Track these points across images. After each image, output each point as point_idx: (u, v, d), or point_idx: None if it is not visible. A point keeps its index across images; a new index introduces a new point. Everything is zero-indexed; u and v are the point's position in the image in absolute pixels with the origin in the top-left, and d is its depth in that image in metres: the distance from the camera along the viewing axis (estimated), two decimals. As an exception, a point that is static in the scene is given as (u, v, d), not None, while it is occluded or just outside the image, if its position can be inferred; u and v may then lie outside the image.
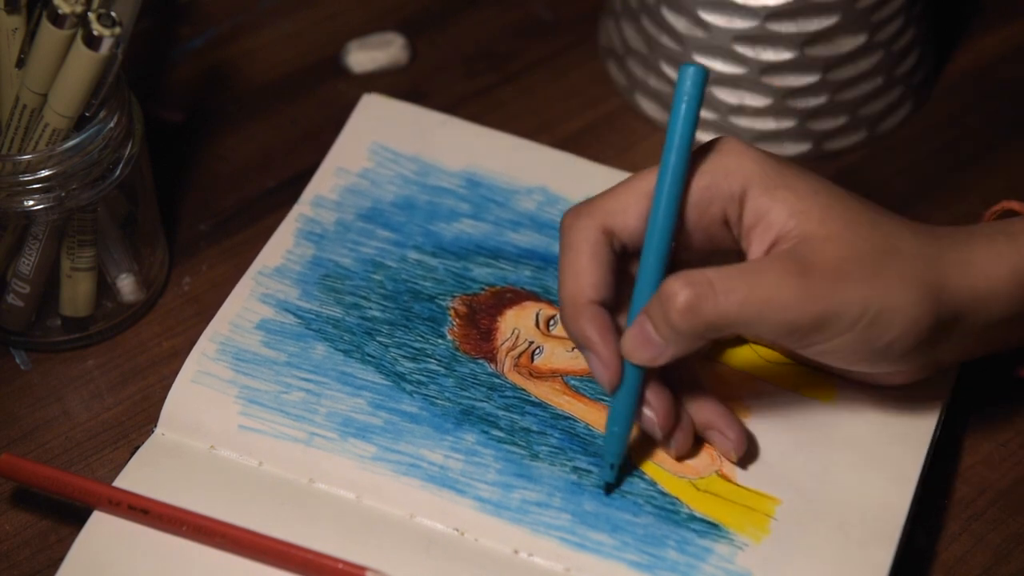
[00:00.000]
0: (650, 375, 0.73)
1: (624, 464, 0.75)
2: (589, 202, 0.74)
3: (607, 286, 0.73)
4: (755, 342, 0.79)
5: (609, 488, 0.75)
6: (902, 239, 0.72)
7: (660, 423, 0.74)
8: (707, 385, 0.76)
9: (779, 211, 0.71)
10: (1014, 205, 0.77)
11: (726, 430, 0.75)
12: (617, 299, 0.74)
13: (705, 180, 0.72)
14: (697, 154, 0.73)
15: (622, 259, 0.74)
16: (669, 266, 0.72)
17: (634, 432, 0.75)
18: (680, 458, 0.76)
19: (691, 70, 0.71)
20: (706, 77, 0.71)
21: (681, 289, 0.70)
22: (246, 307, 0.80)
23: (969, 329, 0.73)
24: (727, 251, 0.74)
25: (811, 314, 0.70)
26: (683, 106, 0.71)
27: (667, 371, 0.74)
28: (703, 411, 0.75)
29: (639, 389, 0.73)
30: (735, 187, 0.72)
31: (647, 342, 0.71)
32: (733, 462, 0.75)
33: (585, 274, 0.73)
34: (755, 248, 0.72)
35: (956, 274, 0.72)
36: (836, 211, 0.71)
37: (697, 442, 0.76)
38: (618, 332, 0.73)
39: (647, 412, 0.74)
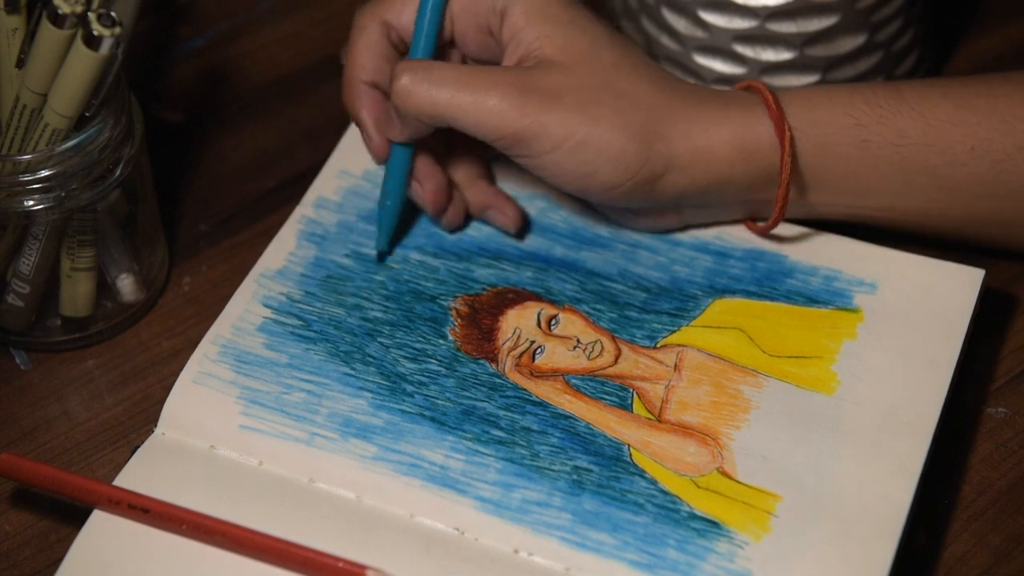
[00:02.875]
0: (421, 156, 0.82)
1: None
2: None
3: (379, 71, 0.81)
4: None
5: (381, 256, 0.83)
6: (636, 85, 0.79)
7: (429, 198, 0.82)
8: (485, 172, 0.85)
9: (529, 32, 0.79)
10: (759, 87, 0.81)
11: (504, 207, 0.84)
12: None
13: None
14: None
15: (402, 55, 0.82)
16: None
17: None
18: (451, 230, 0.84)
19: None
20: None
21: (403, 70, 0.78)
22: (248, 309, 0.80)
23: (691, 183, 0.80)
24: (500, 62, 0.82)
25: (514, 126, 0.77)
26: None
27: (446, 158, 0.83)
28: (480, 194, 0.84)
29: (407, 165, 0.82)
30: (498, 2, 0.80)
31: (390, 118, 0.81)
32: (512, 234, 0.84)
33: (360, 57, 0.81)
34: (507, 61, 0.80)
35: (678, 127, 0.79)
36: (581, 44, 0.79)
37: (697, 441, 0.76)
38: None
39: (416, 188, 0.83)
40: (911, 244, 0.83)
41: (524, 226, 0.85)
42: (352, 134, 0.88)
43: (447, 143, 0.84)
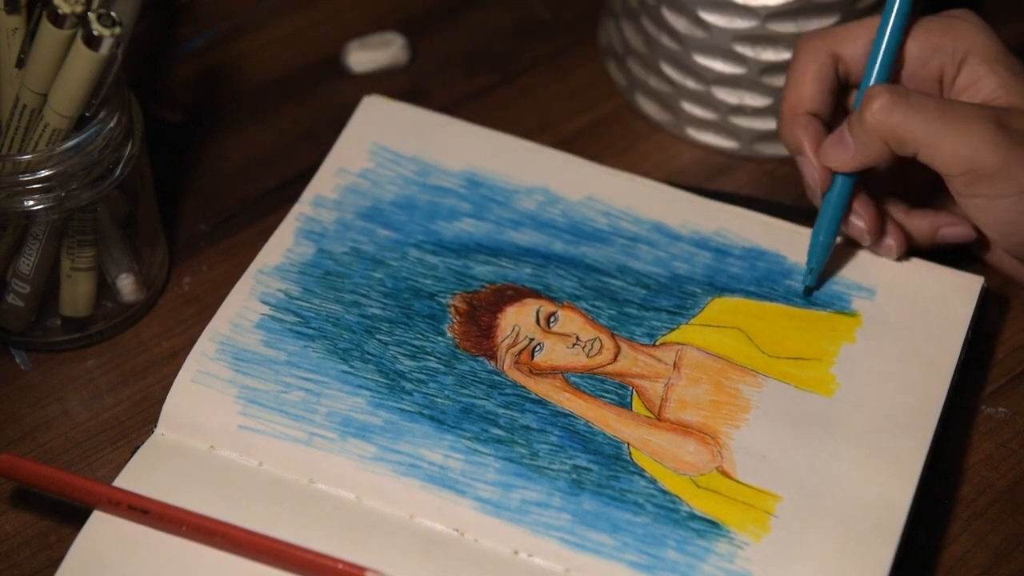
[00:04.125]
0: (858, 190, 0.80)
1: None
2: (824, 28, 0.82)
3: (824, 103, 0.81)
4: (930, 169, 0.80)
5: (808, 291, 0.82)
6: None
7: (868, 228, 0.81)
8: (914, 205, 0.82)
9: (992, 80, 0.79)
10: None
11: (954, 223, 0.81)
12: (832, 126, 0.80)
13: (934, 36, 0.80)
14: (932, 16, 0.80)
15: (844, 89, 0.82)
16: None
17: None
18: (899, 258, 0.82)
19: None
20: None
21: (881, 92, 0.77)
22: (246, 306, 0.80)
23: None
24: None
25: (985, 161, 0.76)
26: None
27: (875, 193, 0.81)
28: (924, 220, 0.82)
29: (847, 198, 0.80)
30: (959, 49, 0.79)
31: (840, 143, 0.79)
32: (970, 240, 0.82)
33: (807, 87, 0.80)
34: None
35: None
36: None
37: (696, 440, 0.76)
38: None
39: (854, 220, 0.81)
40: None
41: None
42: (349, 132, 0.88)
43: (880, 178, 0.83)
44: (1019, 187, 0.76)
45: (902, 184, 0.83)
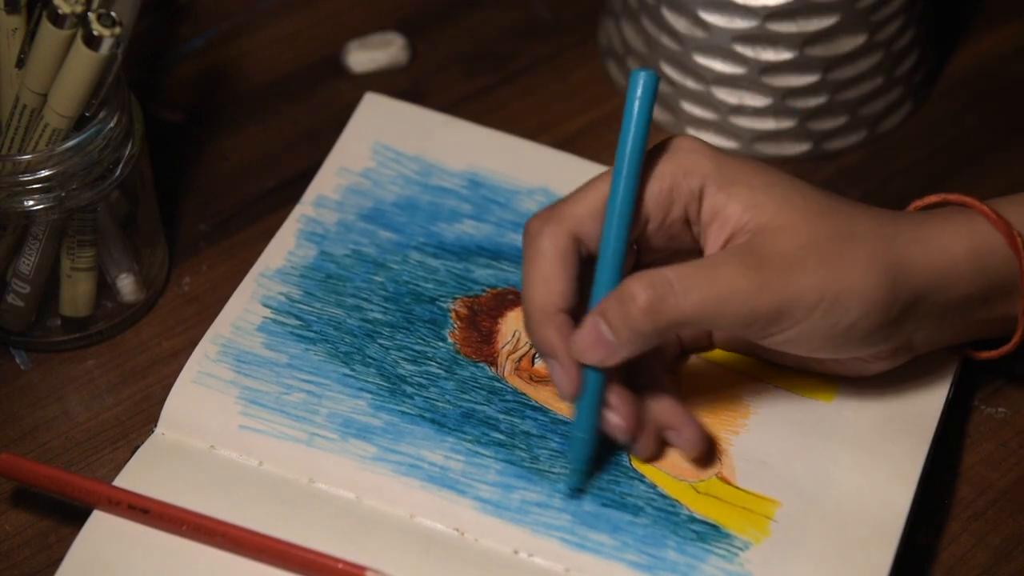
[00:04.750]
0: (611, 378, 0.73)
1: (591, 468, 0.75)
2: (555, 208, 0.74)
3: (575, 293, 0.73)
4: (717, 338, 0.79)
5: (578, 491, 0.75)
6: (858, 222, 0.73)
7: (625, 427, 0.74)
8: (666, 385, 0.76)
9: (734, 206, 0.72)
10: (971, 201, 0.76)
11: (684, 429, 0.75)
12: (579, 307, 0.74)
13: (667, 182, 0.73)
14: (654, 154, 0.73)
15: (588, 265, 0.74)
16: (630, 268, 0.73)
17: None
18: (647, 460, 0.75)
19: (642, 75, 0.71)
20: (657, 83, 0.72)
21: (642, 291, 0.70)
22: (248, 309, 0.80)
23: (933, 308, 0.74)
24: (688, 251, 0.75)
25: (768, 305, 0.71)
26: (635, 110, 0.72)
27: (630, 373, 0.75)
28: (665, 413, 0.75)
29: (601, 393, 0.73)
30: (694, 185, 0.73)
31: (599, 342, 0.71)
32: (691, 459, 0.75)
33: (555, 282, 0.73)
34: (711, 244, 0.73)
35: (915, 252, 0.73)
36: (791, 202, 0.72)
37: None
38: None
39: (610, 416, 0.74)
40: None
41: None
42: (351, 131, 0.88)
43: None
44: (808, 308, 0.71)
45: (649, 363, 0.76)
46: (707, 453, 0.75)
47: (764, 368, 0.79)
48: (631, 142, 0.72)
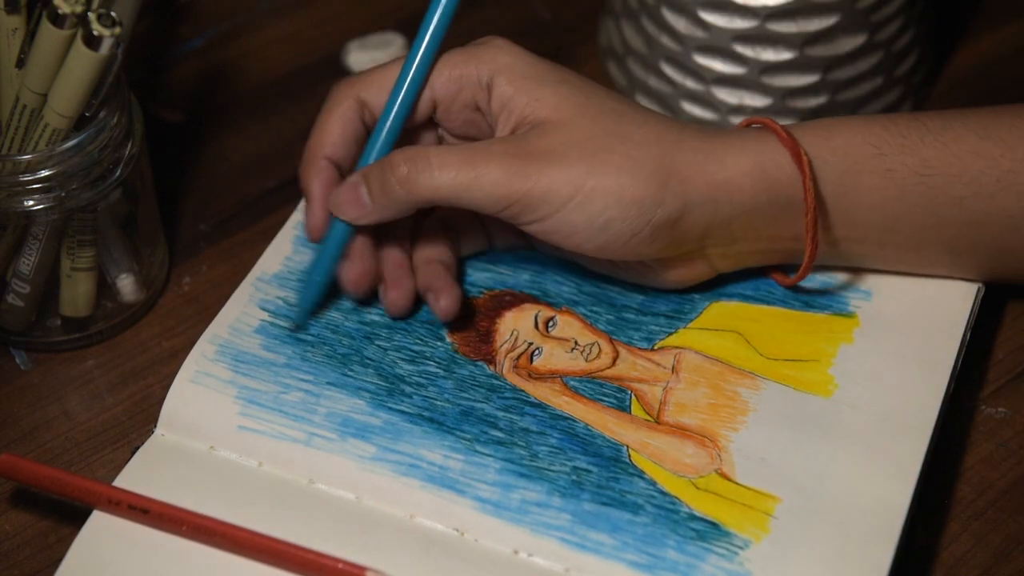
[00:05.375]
0: (360, 237, 0.79)
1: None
2: (359, 74, 0.80)
3: (344, 147, 0.79)
4: (497, 237, 0.82)
5: (296, 327, 0.80)
6: (638, 126, 0.77)
7: (353, 282, 0.79)
8: (444, 255, 0.81)
9: (519, 99, 0.77)
10: (767, 121, 0.78)
11: (441, 294, 0.80)
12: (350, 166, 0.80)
13: (457, 68, 0.79)
14: (457, 47, 0.79)
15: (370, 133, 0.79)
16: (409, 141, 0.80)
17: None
18: (394, 317, 0.81)
19: None
20: None
21: (402, 162, 0.76)
22: (245, 312, 0.80)
23: (713, 221, 0.77)
24: (488, 138, 0.79)
25: (520, 192, 0.75)
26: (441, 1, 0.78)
27: (413, 233, 0.81)
28: (428, 276, 0.80)
29: (343, 246, 0.79)
30: (484, 75, 0.78)
31: (355, 202, 0.77)
32: (443, 322, 0.80)
33: (328, 132, 0.79)
34: (499, 133, 0.78)
35: (693, 160, 0.76)
36: (574, 100, 0.77)
37: (695, 443, 0.76)
38: None
39: (344, 270, 0.80)
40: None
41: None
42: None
43: (415, 219, 0.81)
44: (563, 200, 0.75)
45: (433, 227, 0.82)
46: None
47: (764, 365, 0.79)
48: (431, 26, 0.79)
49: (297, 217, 0.85)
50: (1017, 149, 0.77)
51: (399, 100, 0.78)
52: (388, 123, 0.78)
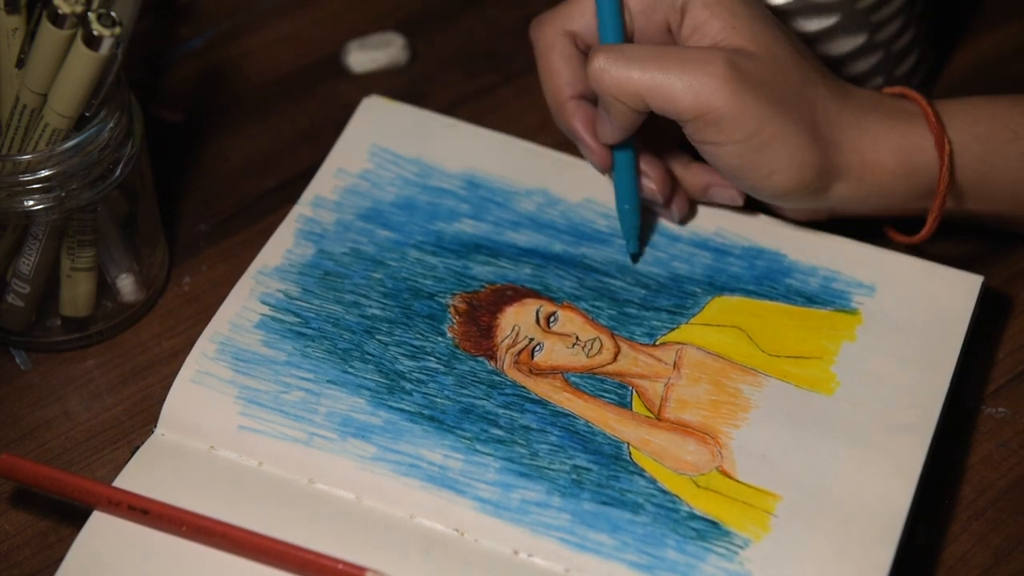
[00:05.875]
0: (641, 153, 0.82)
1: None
2: (550, 11, 0.82)
3: (581, 81, 0.81)
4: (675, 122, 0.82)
5: (635, 258, 0.83)
6: (815, 88, 0.79)
7: (658, 189, 0.82)
8: (693, 157, 0.83)
9: (714, 23, 0.78)
10: (919, 99, 0.80)
11: (724, 185, 0.82)
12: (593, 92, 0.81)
13: None
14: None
15: None
16: None
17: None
18: (682, 221, 0.84)
19: None
20: None
21: (597, 53, 0.78)
22: (246, 306, 0.80)
23: (853, 189, 0.79)
24: None
25: (719, 103, 0.77)
26: None
27: (657, 151, 0.83)
28: (698, 176, 0.83)
29: (632, 166, 0.82)
30: None
31: (601, 119, 0.80)
32: (740, 206, 0.83)
33: (558, 73, 0.81)
34: None
35: (850, 136, 0.79)
36: (767, 38, 0.79)
37: (696, 440, 0.76)
38: None
39: (645, 183, 0.82)
40: (910, 248, 0.83)
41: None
42: (349, 134, 0.88)
43: (656, 140, 0.84)
44: (747, 133, 0.77)
45: (667, 139, 0.84)
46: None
47: (766, 361, 0.79)
48: None
49: (299, 211, 0.85)
50: None
51: (609, 21, 0.80)
52: (609, 38, 0.80)
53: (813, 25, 0.87)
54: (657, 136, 0.83)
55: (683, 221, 0.84)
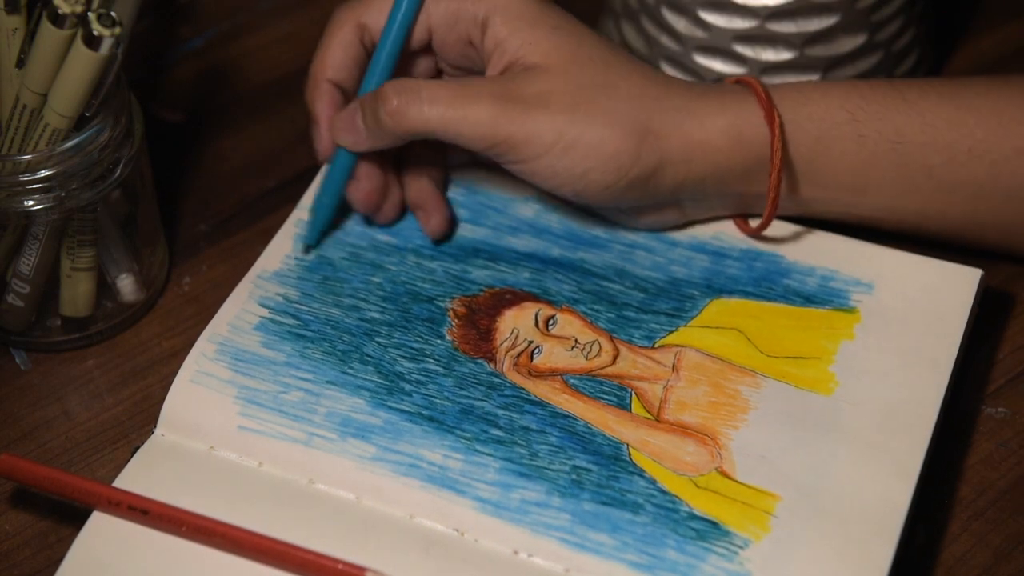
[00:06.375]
0: (364, 161, 0.82)
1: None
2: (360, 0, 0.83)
3: (345, 70, 0.82)
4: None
5: (307, 249, 0.83)
6: (624, 78, 0.79)
7: (364, 198, 0.83)
8: (434, 172, 0.84)
9: (513, 40, 0.79)
10: (751, 80, 0.81)
11: (432, 211, 0.83)
12: (354, 95, 0.82)
13: (455, 2, 0.80)
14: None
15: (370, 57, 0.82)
16: (405, 72, 0.83)
17: None
18: (384, 224, 0.84)
19: None
20: None
21: (394, 95, 0.78)
22: (245, 309, 0.80)
23: (684, 171, 0.79)
24: (481, 72, 0.82)
25: (503, 134, 0.77)
26: None
27: (400, 152, 0.83)
28: (418, 192, 0.84)
29: (349, 168, 0.82)
30: (480, 12, 0.80)
31: (352, 128, 0.80)
32: (433, 239, 0.84)
33: (330, 56, 0.82)
34: (491, 71, 0.80)
35: (673, 119, 0.79)
36: (566, 47, 0.79)
37: (695, 441, 0.76)
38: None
39: (353, 189, 0.83)
40: (908, 244, 0.83)
41: (449, 236, 0.85)
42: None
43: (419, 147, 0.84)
44: (545, 146, 0.78)
45: (422, 145, 0.83)
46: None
47: (764, 363, 0.79)
48: None
49: (298, 215, 0.85)
50: (991, 119, 0.79)
51: (396, 26, 0.80)
52: (386, 49, 0.81)
53: (813, 25, 0.87)
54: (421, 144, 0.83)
55: (386, 225, 0.84)
